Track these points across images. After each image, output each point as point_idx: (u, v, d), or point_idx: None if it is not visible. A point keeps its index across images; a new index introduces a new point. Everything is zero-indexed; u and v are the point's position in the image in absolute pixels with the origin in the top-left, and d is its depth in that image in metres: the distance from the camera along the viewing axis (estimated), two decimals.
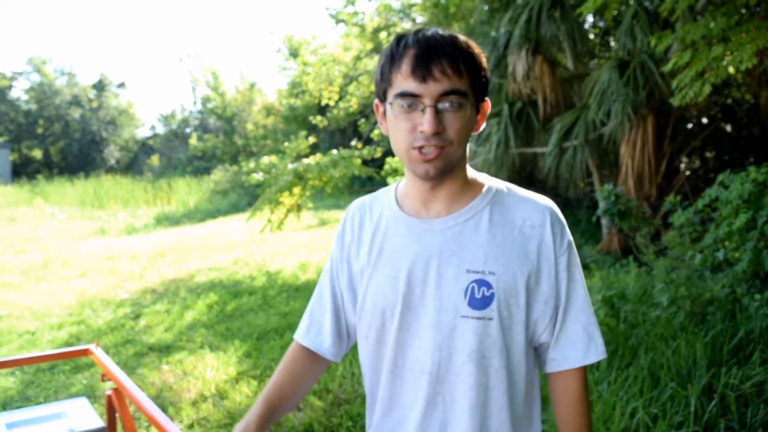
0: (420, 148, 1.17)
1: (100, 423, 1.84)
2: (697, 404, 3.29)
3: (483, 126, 1.28)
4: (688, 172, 9.19)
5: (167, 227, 15.68)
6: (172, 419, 3.08)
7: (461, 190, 1.27)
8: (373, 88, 12.52)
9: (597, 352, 1.28)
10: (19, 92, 37.85)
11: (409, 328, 1.25)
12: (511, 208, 1.26)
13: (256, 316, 6.13)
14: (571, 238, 1.30)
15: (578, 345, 1.27)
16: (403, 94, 1.17)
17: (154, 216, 18.17)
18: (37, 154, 36.75)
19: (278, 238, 10.85)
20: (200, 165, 29.08)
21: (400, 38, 1.20)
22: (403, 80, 1.17)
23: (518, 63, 8.51)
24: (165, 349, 5.22)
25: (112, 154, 38.46)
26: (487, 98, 1.27)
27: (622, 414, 3.50)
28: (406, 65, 1.16)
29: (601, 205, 6.43)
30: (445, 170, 1.20)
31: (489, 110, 1.28)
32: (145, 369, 4.72)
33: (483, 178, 1.32)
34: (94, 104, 38.77)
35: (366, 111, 14.13)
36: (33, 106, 36.98)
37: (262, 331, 5.54)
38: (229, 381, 4.30)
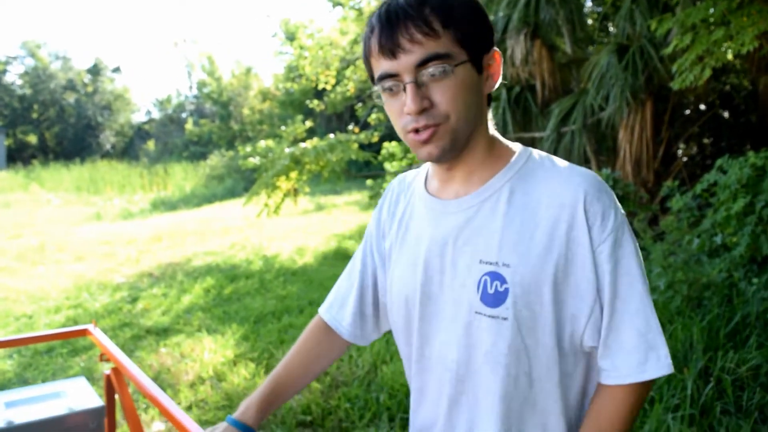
0: (415, 131, 1.01)
1: (99, 402, 1.84)
2: (693, 387, 3.30)
3: (498, 81, 1.08)
4: (685, 159, 9.18)
5: (163, 212, 15.65)
6: None
7: (482, 165, 1.08)
8: None
9: (659, 366, 1.02)
10: (13, 77, 37.59)
11: (431, 319, 1.11)
12: (537, 186, 1.04)
13: (253, 299, 6.13)
14: (625, 221, 1.04)
15: (633, 355, 1.02)
16: (381, 77, 1.02)
17: (151, 201, 18.13)
18: (33, 139, 36.56)
19: (275, 223, 10.84)
20: (196, 150, 29.00)
21: (370, 17, 1.06)
22: (377, 62, 1.03)
23: (516, 47, 8.47)
24: (162, 332, 5.22)
25: (108, 139, 38.27)
26: (495, 48, 1.07)
27: None
28: (374, 44, 1.02)
29: None
30: (452, 149, 1.03)
31: (501, 61, 1.06)
32: (142, 352, 4.72)
33: (515, 148, 1.12)
34: (90, 89, 38.53)
35: (363, 95, 14.07)
36: (28, 91, 36.73)
37: (259, 314, 5.54)
38: (226, 363, 4.31)
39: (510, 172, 1.07)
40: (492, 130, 1.11)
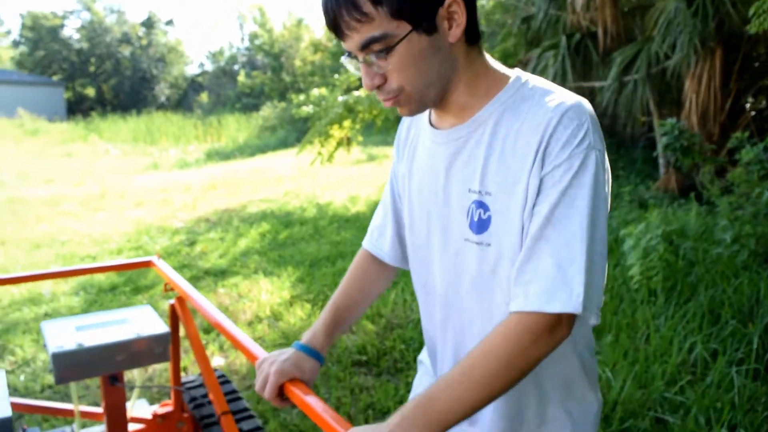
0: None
1: (165, 328, 1.87)
2: (758, 343, 3.19)
3: (461, 26, 0.99)
4: (753, 112, 8.76)
5: (217, 162, 15.89)
6: None
7: (472, 99, 1.06)
8: None
9: (568, 303, 0.92)
10: (70, 31, 38.36)
11: (430, 246, 1.15)
12: (521, 116, 1.01)
13: (307, 244, 6.19)
14: (591, 154, 0.96)
15: (543, 284, 0.94)
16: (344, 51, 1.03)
17: (205, 152, 18.42)
18: (91, 92, 37.44)
19: (327, 172, 10.89)
20: (249, 102, 29.20)
21: None
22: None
23: None
24: (220, 274, 5.33)
25: (163, 91, 38.90)
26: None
27: (680, 348, 3.44)
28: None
29: (663, 140, 6.19)
30: (422, 107, 1.05)
31: (460, 5, 0.98)
32: (201, 291, 4.83)
33: (509, 75, 1.08)
34: (144, 42, 39.04)
35: None
36: (84, 45, 37.46)
37: (314, 258, 5.60)
38: (283, 304, 4.38)
39: (497, 103, 1.05)
40: (484, 62, 1.08)
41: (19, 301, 4.78)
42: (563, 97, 1.00)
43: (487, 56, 1.09)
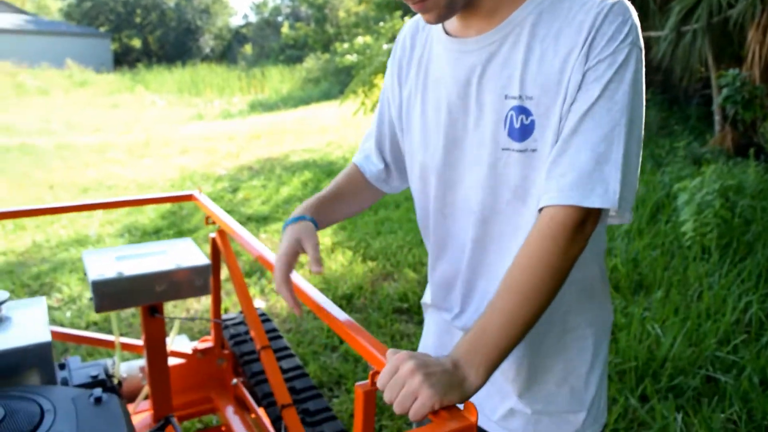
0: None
1: (205, 260, 1.83)
2: None
3: None
4: None
5: (261, 113, 15.91)
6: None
7: (500, 2, 1.00)
8: None
9: (605, 198, 0.89)
10: None
11: (455, 164, 1.08)
12: (560, 14, 0.96)
13: None
14: (635, 50, 0.93)
15: (582, 179, 0.90)
16: None
17: (248, 103, 18.45)
18: (137, 43, 37.71)
19: (370, 123, 10.78)
20: (292, 53, 29.03)
21: None
22: None
23: None
24: (262, 220, 5.34)
25: (207, 42, 38.94)
26: None
27: (734, 308, 3.31)
28: None
29: (723, 92, 5.91)
30: (450, 12, 0.98)
31: None
32: None
33: None
34: None
35: None
36: None
37: None
38: (324, 250, 4.35)
39: (532, 4, 0.98)
40: None
41: (66, 241, 4.87)
42: None
43: None
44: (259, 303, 3.59)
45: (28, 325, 1.49)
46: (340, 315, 1.13)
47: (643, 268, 3.91)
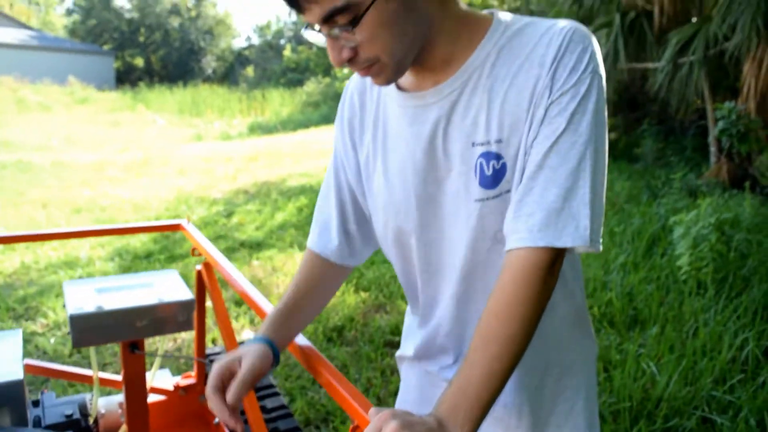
0: None
1: (189, 295, 1.78)
2: None
3: None
4: None
5: (260, 135, 15.93)
6: None
7: (455, 48, 0.95)
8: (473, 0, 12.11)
9: (576, 236, 0.86)
10: (122, 1, 38.85)
11: (432, 223, 1.02)
12: (519, 50, 0.92)
13: None
14: (596, 78, 0.90)
15: (551, 217, 0.86)
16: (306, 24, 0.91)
17: (248, 125, 18.51)
18: (139, 62, 37.94)
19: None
20: (294, 77, 29.21)
21: None
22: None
23: None
24: (256, 246, 5.29)
25: (209, 63, 39.21)
26: None
27: (730, 345, 3.26)
28: None
29: (719, 124, 5.91)
30: (399, 72, 0.93)
31: None
32: (235, 263, 4.80)
33: (490, 17, 0.97)
34: (193, 13, 39.35)
35: None
36: (135, 15, 37.92)
37: None
38: None
39: (488, 45, 0.94)
40: (460, 8, 0.96)
41: (55, 263, 4.82)
42: (557, 23, 0.91)
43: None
44: (247, 334, 3.53)
45: (1, 361, 1.45)
46: (324, 365, 1.09)
47: (639, 303, 3.86)
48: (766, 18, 6.38)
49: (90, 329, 1.65)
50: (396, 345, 3.39)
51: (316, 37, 0.90)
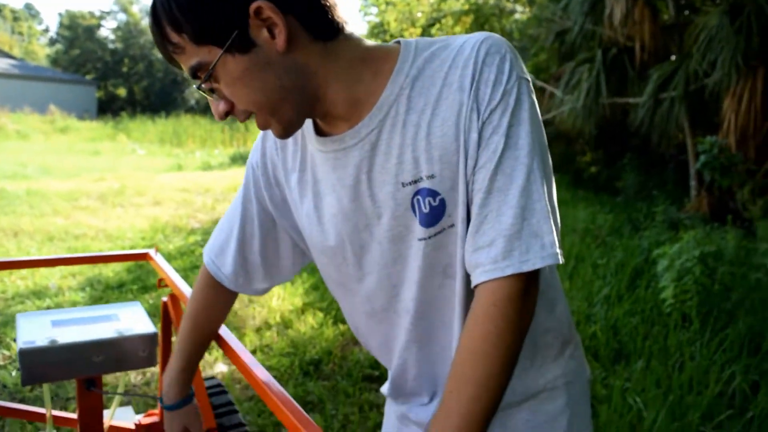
0: None
1: (152, 328, 1.67)
2: None
3: (282, 33, 0.82)
4: None
5: (242, 166, 15.81)
6: None
7: (360, 88, 0.89)
8: (456, 30, 12.21)
9: (544, 254, 0.81)
10: (106, 31, 39.00)
11: (371, 269, 0.97)
12: (434, 78, 0.86)
13: None
14: (522, 84, 0.85)
15: (514, 242, 0.81)
16: None
17: (230, 155, 18.39)
18: (122, 92, 37.91)
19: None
20: None
21: None
22: None
23: (616, 6, 7.96)
24: None
25: (192, 94, 39.21)
26: (254, 5, 0.80)
27: (717, 379, 3.19)
28: None
29: (701, 158, 5.94)
30: (291, 128, 0.89)
31: (273, 10, 0.81)
32: None
33: (396, 47, 0.91)
34: None
35: None
36: (119, 45, 38.03)
37: None
38: (294, 311, 4.18)
39: (400, 77, 0.88)
40: (358, 47, 0.90)
41: (23, 293, 4.64)
42: (468, 39, 0.87)
43: (360, 36, 0.91)
44: (221, 368, 3.39)
45: None
46: (294, 411, 1.00)
47: (623, 336, 3.79)
48: (746, 55, 6.47)
49: (42, 365, 1.53)
50: (375, 379, 3.27)
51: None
